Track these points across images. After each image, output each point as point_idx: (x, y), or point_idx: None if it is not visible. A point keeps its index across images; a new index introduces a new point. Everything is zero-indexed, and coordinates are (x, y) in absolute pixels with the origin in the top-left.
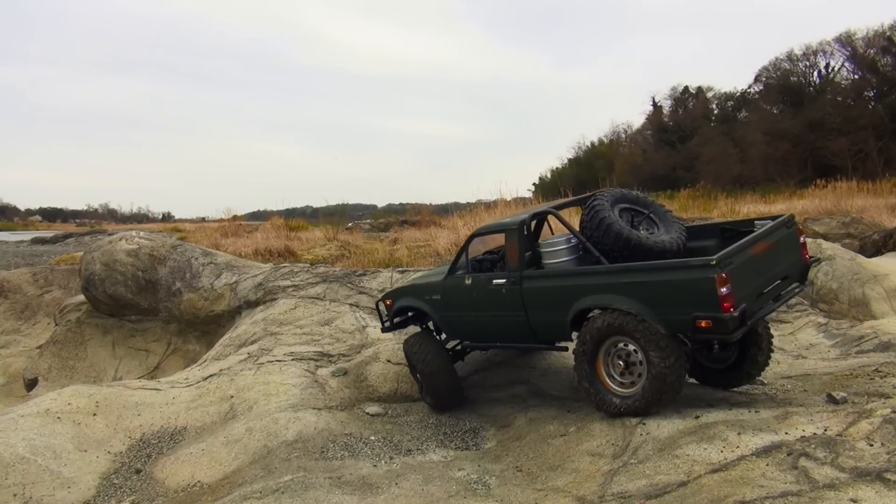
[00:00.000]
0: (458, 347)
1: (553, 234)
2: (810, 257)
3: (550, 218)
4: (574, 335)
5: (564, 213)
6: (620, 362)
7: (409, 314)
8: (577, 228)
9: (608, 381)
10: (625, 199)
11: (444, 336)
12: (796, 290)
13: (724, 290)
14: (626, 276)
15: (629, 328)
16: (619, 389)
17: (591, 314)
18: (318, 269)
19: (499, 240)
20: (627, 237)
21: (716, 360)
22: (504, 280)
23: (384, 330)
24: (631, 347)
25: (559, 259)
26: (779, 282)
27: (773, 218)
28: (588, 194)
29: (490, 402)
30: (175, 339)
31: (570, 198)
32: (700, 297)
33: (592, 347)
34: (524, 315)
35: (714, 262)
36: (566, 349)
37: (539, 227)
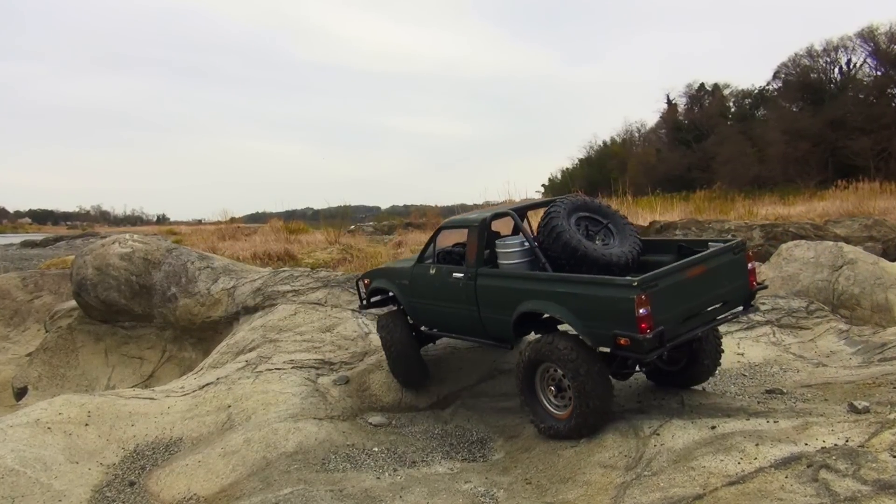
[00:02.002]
0: (434, 331)
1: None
2: (759, 284)
3: (531, 216)
4: (519, 335)
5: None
6: (552, 387)
7: (385, 295)
8: None
9: (545, 403)
10: (585, 207)
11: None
12: (730, 317)
13: (642, 311)
14: (561, 285)
15: (554, 356)
16: (556, 412)
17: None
18: (319, 274)
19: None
20: (574, 247)
21: (669, 363)
22: (462, 275)
23: (361, 308)
24: (560, 373)
25: (512, 261)
26: (718, 305)
27: (725, 241)
28: (551, 199)
29: (498, 412)
30: (170, 347)
31: (539, 199)
32: (621, 315)
33: (529, 372)
34: (476, 310)
35: (636, 284)
36: (511, 348)
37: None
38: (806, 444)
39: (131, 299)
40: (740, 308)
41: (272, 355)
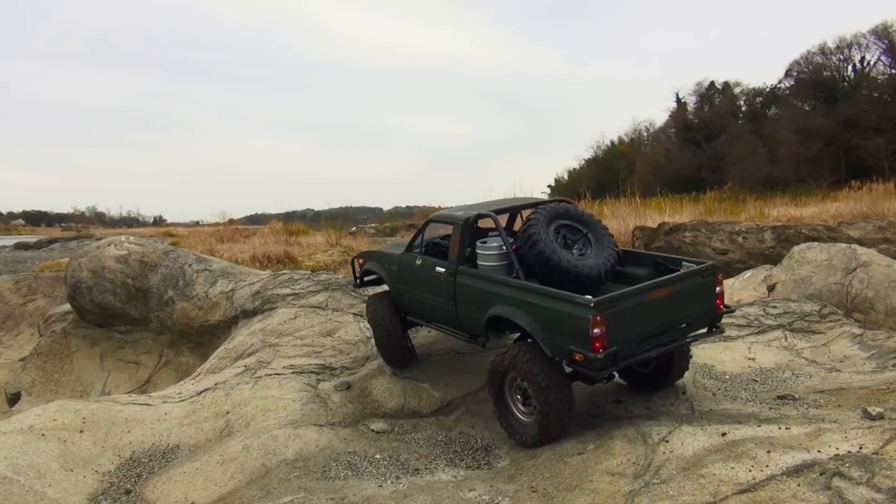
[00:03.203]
0: (415, 319)
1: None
2: (726, 307)
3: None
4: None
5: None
6: (518, 396)
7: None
8: None
9: (514, 410)
10: (567, 215)
11: None
12: (691, 340)
13: (596, 331)
14: (528, 294)
15: (517, 367)
16: (524, 419)
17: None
18: (319, 277)
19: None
20: (548, 257)
21: (640, 365)
22: (444, 269)
23: (355, 285)
24: (525, 383)
25: (490, 263)
26: (681, 326)
27: (698, 263)
28: (538, 200)
29: None
30: (167, 351)
31: (525, 200)
32: (577, 332)
33: (498, 380)
34: (454, 306)
35: (592, 304)
36: (484, 346)
37: (512, 220)
38: (819, 452)
39: (127, 303)
40: (703, 330)
41: (272, 360)
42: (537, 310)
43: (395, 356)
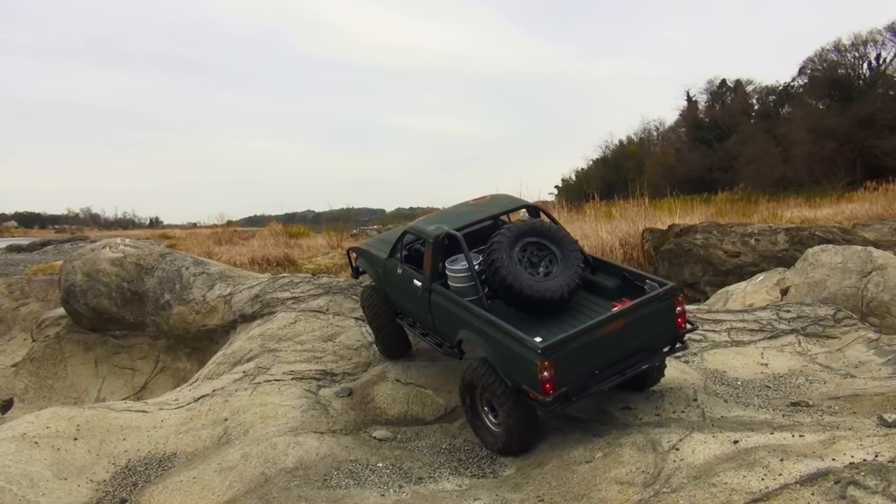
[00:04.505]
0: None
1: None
2: (689, 324)
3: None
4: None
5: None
6: (486, 408)
7: None
8: None
9: (486, 420)
10: (533, 231)
11: None
12: (651, 363)
13: (545, 374)
14: (488, 326)
15: (483, 384)
16: (494, 428)
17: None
18: (320, 280)
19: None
20: (510, 284)
21: None
22: (420, 284)
23: (353, 276)
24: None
25: (459, 284)
26: (639, 352)
27: (661, 284)
28: (506, 208)
29: None
30: (163, 357)
31: (498, 204)
32: (527, 373)
33: (469, 392)
34: (432, 319)
35: (540, 351)
36: (461, 359)
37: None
38: (833, 460)
39: (123, 307)
40: (665, 349)
41: (271, 366)
42: (496, 343)
43: (392, 348)
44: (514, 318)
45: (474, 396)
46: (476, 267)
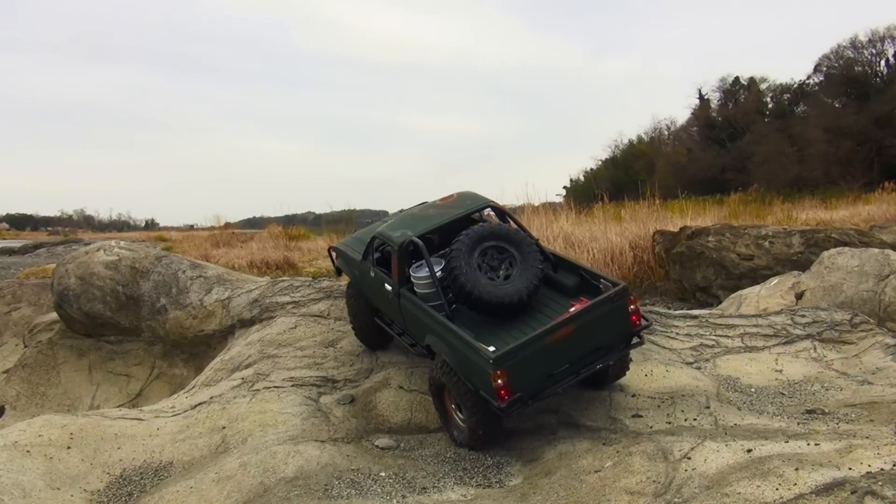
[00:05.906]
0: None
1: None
2: (643, 320)
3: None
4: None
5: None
6: (454, 405)
7: None
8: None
9: (455, 416)
10: (492, 235)
11: None
12: (606, 363)
13: (499, 382)
14: (448, 333)
15: (448, 384)
16: (462, 425)
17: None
18: (321, 284)
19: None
20: (469, 291)
21: None
22: (391, 289)
23: (337, 274)
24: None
25: (423, 290)
26: (594, 351)
27: (614, 284)
28: (468, 209)
29: (515, 434)
30: (159, 363)
31: (459, 205)
32: (483, 380)
33: (438, 390)
34: (404, 321)
35: (492, 361)
36: (434, 358)
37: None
38: (850, 469)
39: (117, 311)
40: (621, 346)
41: (270, 372)
42: (455, 350)
43: (370, 341)
44: (477, 320)
45: (443, 394)
46: (439, 273)
